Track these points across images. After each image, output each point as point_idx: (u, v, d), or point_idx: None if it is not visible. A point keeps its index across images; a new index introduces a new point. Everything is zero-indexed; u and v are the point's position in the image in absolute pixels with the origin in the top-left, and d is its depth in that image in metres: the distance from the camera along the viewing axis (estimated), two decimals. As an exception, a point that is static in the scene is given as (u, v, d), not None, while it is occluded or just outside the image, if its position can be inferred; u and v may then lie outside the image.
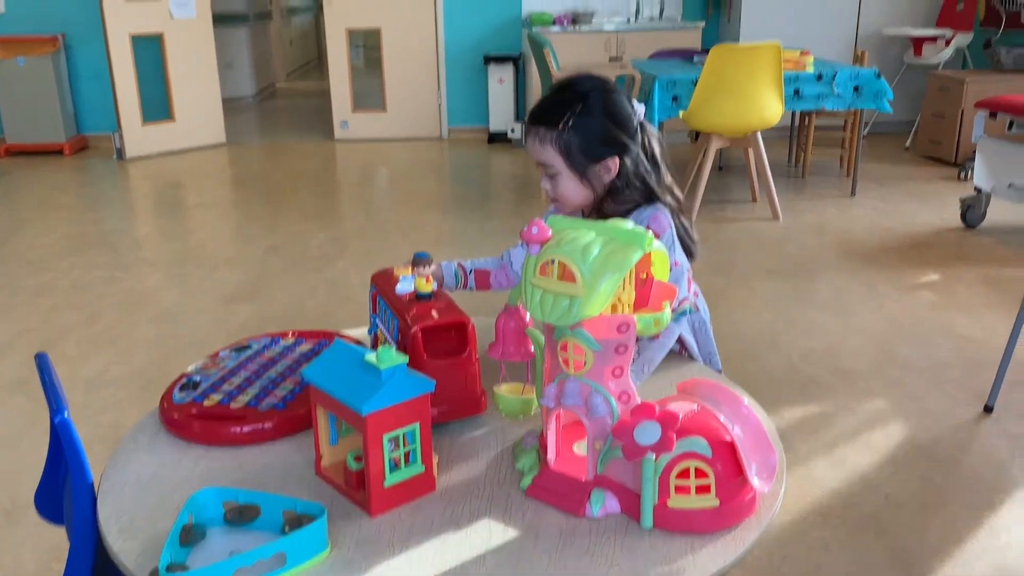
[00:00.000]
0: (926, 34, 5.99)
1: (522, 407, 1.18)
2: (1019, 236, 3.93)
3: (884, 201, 4.66)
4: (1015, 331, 2.35)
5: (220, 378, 1.31)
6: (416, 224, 4.44)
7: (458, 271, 1.60)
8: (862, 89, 4.45)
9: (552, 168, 1.41)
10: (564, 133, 1.37)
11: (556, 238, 1.05)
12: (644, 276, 1.08)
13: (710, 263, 3.72)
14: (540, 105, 1.43)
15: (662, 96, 4.39)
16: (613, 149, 1.39)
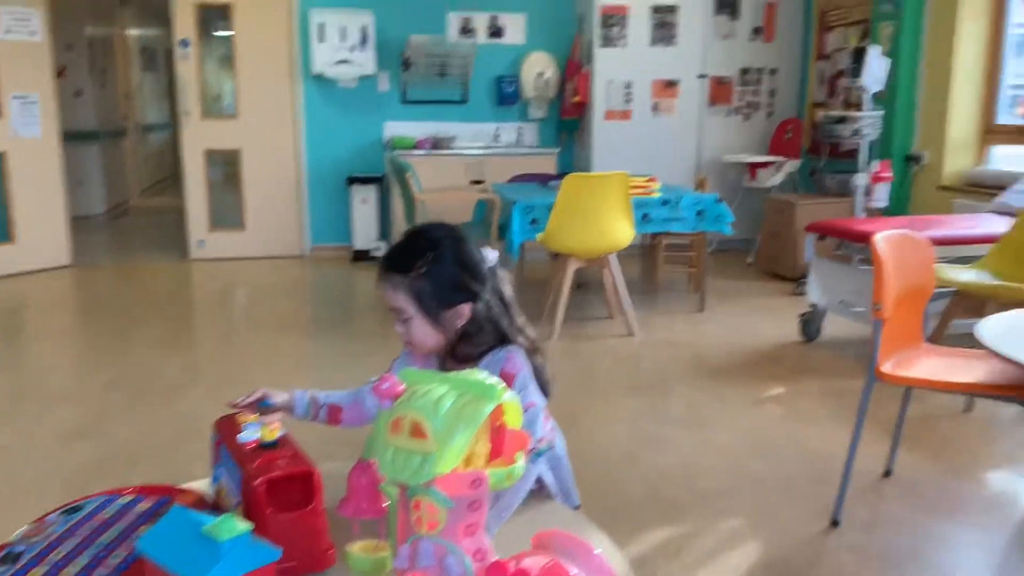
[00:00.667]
0: (760, 160, 6.54)
1: (375, 567, 1.13)
2: (853, 348, 4.24)
3: (731, 316, 4.93)
4: (853, 443, 2.50)
5: (46, 546, 1.20)
6: (276, 348, 4.32)
7: (310, 403, 1.57)
8: (705, 213, 4.77)
9: (405, 313, 1.43)
10: (417, 280, 1.40)
11: (408, 392, 1.05)
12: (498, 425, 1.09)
13: (571, 381, 3.80)
14: (392, 252, 1.46)
15: (521, 219, 4.55)
16: (465, 295, 1.43)
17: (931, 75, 5.47)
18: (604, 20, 6.44)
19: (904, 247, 2.51)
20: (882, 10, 5.66)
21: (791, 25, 6.77)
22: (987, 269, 3.56)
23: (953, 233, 3.93)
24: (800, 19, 6.78)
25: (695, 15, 6.56)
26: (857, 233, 3.93)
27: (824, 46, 6.57)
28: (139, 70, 11.24)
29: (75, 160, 7.21)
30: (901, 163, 5.62)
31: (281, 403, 1.50)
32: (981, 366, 2.39)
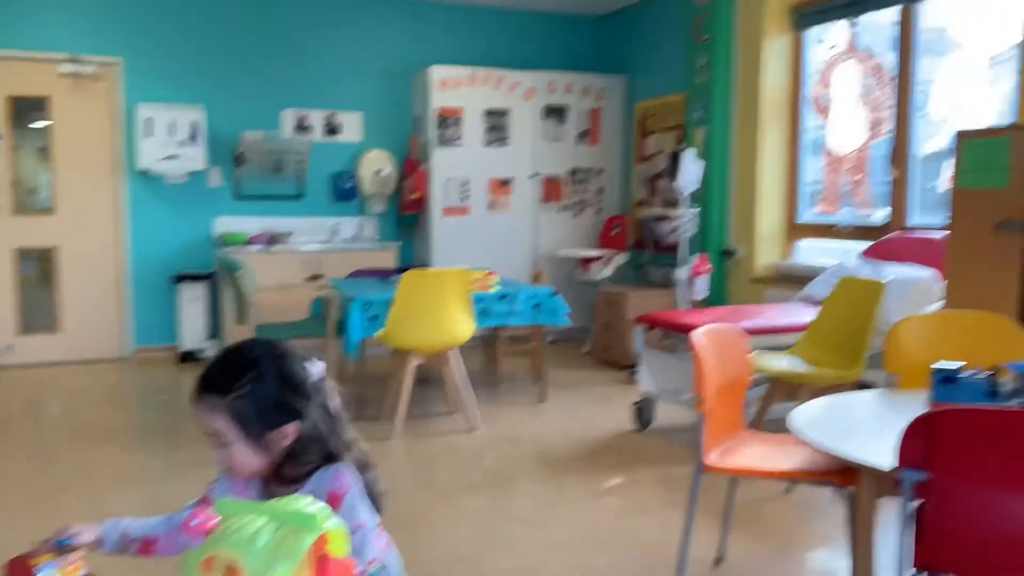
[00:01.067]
0: (590, 255, 6.83)
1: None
2: (684, 435, 4.41)
3: (570, 406, 5.04)
4: (686, 533, 2.57)
5: None
6: (92, 462, 3.98)
7: (121, 537, 1.44)
8: (541, 306, 4.90)
9: (224, 438, 1.35)
10: (237, 402, 1.33)
11: (222, 527, 0.99)
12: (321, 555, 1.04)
13: (413, 482, 3.72)
14: (208, 372, 1.39)
15: (360, 316, 4.49)
16: (289, 415, 1.37)
17: (740, 176, 5.97)
18: (440, 121, 6.63)
19: (721, 340, 2.66)
20: (694, 117, 6.15)
21: (614, 130, 7.23)
22: (798, 356, 3.84)
23: (767, 323, 4.23)
24: (621, 125, 7.25)
25: (525, 119, 6.88)
26: (680, 325, 4.15)
27: (644, 149, 7.04)
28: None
29: None
30: (718, 257, 6.03)
31: (86, 540, 1.37)
32: (797, 451, 2.54)
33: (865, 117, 5.31)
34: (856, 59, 5.36)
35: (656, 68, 6.90)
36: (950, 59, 4.76)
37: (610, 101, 7.19)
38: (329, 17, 6.77)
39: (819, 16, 5.52)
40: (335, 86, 6.84)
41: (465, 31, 7.17)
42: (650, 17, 6.96)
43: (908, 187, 5.04)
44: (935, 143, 4.89)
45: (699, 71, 6.08)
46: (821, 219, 5.68)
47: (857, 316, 3.73)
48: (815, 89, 5.66)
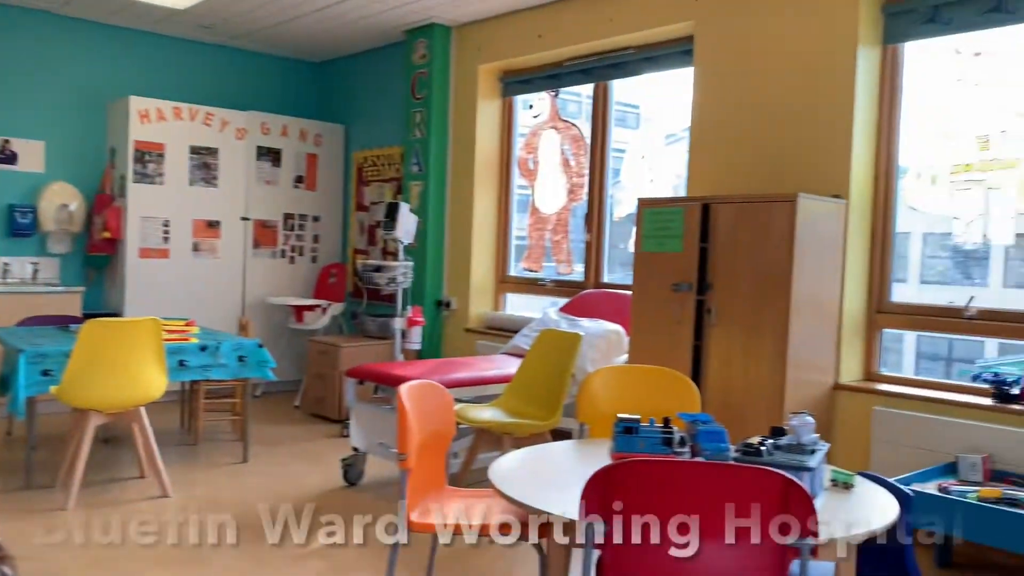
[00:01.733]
0: (304, 303, 6.63)
1: None
2: (393, 489, 4.35)
3: (276, 464, 4.78)
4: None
5: None
6: None
7: None
8: (247, 358, 4.63)
9: None
10: None
11: None
12: None
13: (91, 559, 3.29)
14: None
15: (29, 371, 3.95)
16: None
17: (454, 230, 6.14)
18: (138, 155, 6.12)
19: (426, 395, 2.66)
20: (411, 171, 6.25)
21: (332, 177, 7.14)
22: (502, 407, 3.97)
23: (475, 375, 4.34)
24: (340, 172, 7.19)
25: (236, 159, 6.58)
26: (392, 377, 4.12)
27: (363, 198, 7.02)
28: None
29: None
30: (433, 308, 6.13)
31: None
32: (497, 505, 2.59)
33: (565, 181, 5.72)
34: (557, 127, 5.78)
35: (374, 119, 6.94)
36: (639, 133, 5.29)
37: (328, 148, 7.10)
38: (10, 34, 6.02)
39: (525, 85, 5.89)
40: (12, 111, 6.07)
41: (170, 63, 6.73)
42: (369, 68, 7.01)
43: (603, 247, 5.48)
44: (626, 208, 5.38)
45: (416, 126, 6.21)
46: (527, 274, 6.00)
47: (555, 367, 3.94)
48: (523, 152, 6.01)
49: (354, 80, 7.18)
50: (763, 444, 2.18)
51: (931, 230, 4.85)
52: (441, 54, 6.08)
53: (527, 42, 5.61)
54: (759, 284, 3.70)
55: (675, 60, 4.95)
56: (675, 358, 3.96)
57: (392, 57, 6.69)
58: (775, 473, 1.74)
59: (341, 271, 6.97)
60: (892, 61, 4.04)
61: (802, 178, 4.04)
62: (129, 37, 6.52)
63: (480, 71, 5.97)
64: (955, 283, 4.58)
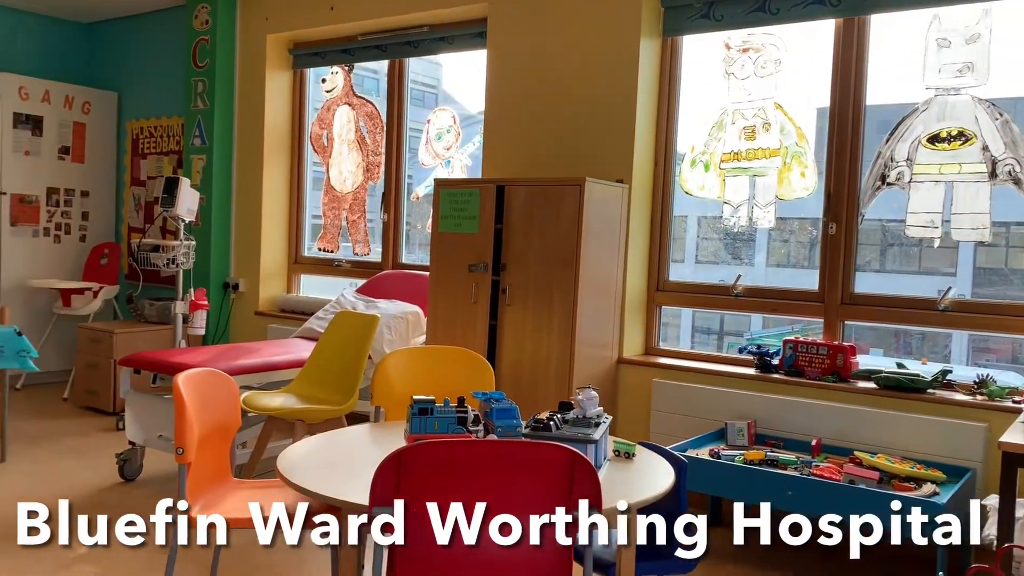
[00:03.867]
0: (73, 286, 6.06)
1: None
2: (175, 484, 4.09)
3: (41, 463, 4.35)
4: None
5: None
6: None
7: None
8: (3, 348, 4.16)
9: None
10: None
11: None
12: None
13: None
14: None
15: None
16: None
17: (242, 208, 5.84)
18: None
19: (207, 384, 2.51)
20: (193, 144, 5.86)
21: (102, 148, 6.55)
22: (294, 392, 3.83)
23: (265, 360, 4.15)
24: (112, 143, 6.61)
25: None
26: (171, 365, 3.85)
27: (138, 172, 6.51)
28: None
29: None
30: (219, 290, 5.81)
31: None
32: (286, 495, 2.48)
33: (362, 159, 5.60)
34: (352, 103, 5.64)
35: (151, 87, 6.43)
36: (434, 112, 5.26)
37: (97, 116, 6.50)
38: None
39: (317, 58, 5.69)
40: None
41: (-97, 12, 5.88)
42: (146, 33, 6.48)
43: (400, 228, 5.42)
44: (423, 188, 5.35)
45: (198, 96, 5.82)
46: (323, 255, 5.83)
47: (351, 349, 3.85)
48: (316, 127, 5.81)
49: (129, 44, 6.61)
50: (552, 419, 2.24)
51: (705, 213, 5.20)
52: (225, 20, 5.73)
53: (319, 14, 5.41)
54: (550, 264, 3.82)
55: (470, 41, 4.96)
56: (472, 338, 4.00)
57: (172, 21, 6.21)
58: (561, 447, 1.79)
59: (114, 251, 6.43)
60: (672, 53, 4.28)
61: (589, 163, 4.20)
62: None
63: (268, 40, 5.69)
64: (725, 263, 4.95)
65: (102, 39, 6.79)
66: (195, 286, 5.36)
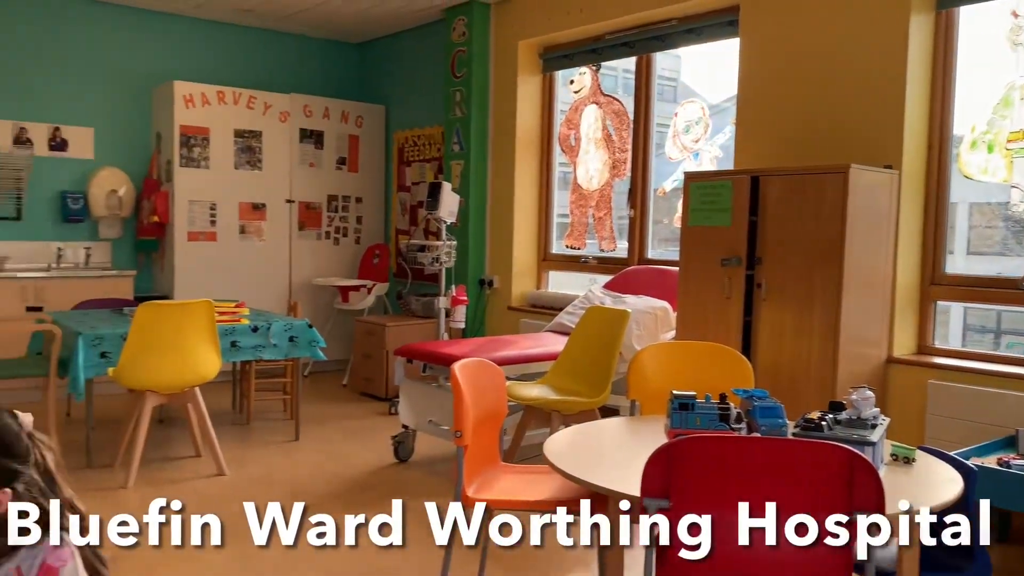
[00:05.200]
0: (349, 284, 6.69)
1: None
2: (444, 466, 4.40)
3: (327, 442, 4.86)
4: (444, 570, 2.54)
5: None
6: None
7: None
8: (297, 339, 4.70)
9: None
10: None
11: None
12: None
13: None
14: None
15: (87, 353, 4.05)
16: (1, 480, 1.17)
17: (496, 209, 6.14)
18: (184, 140, 6.21)
19: (479, 374, 2.68)
20: (452, 150, 6.26)
21: (373, 158, 7.18)
22: (549, 384, 3.98)
23: (521, 353, 4.35)
24: (381, 153, 7.22)
25: (280, 142, 6.64)
26: (439, 355, 4.16)
27: (404, 178, 7.05)
28: None
29: None
30: (476, 287, 6.16)
31: None
32: (551, 481, 2.60)
33: (608, 157, 5.68)
34: (599, 102, 5.73)
35: (414, 99, 6.94)
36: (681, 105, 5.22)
37: (369, 129, 7.13)
38: (51, 24, 6.12)
39: (565, 60, 5.84)
40: (62, 98, 6.18)
41: (212, 47, 6.79)
42: (408, 49, 7.01)
43: (646, 223, 5.44)
44: (670, 183, 5.33)
45: (456, 105, 6.20)
46: (570, 252, 5.98)
47: (602, 344, 3.93)
48: (564, 128, 5.98)
49: (394, 60, 7.19)
50: (823, 419, 2.16)
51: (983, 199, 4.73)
52: (480, 31, 6.06)
53: (567, 16, 5.56)
54: (810, 257, 3.65)
55: (719, 31, 4.87)
56: (724, 333, 3.93)
57: (431, 36, 6.68)
58: (841, 447, 1.72)
59: (384, 251, 7.02)
60: (946, 26, 3.93)
61: (853, 148, 3.96)
62: (171, 22, 6.59)
63: (520, 47, 5.93)
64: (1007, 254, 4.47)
65: (371, 57, 7.44)
66: (455, 283, 5.73)
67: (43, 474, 1.27)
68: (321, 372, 6.72)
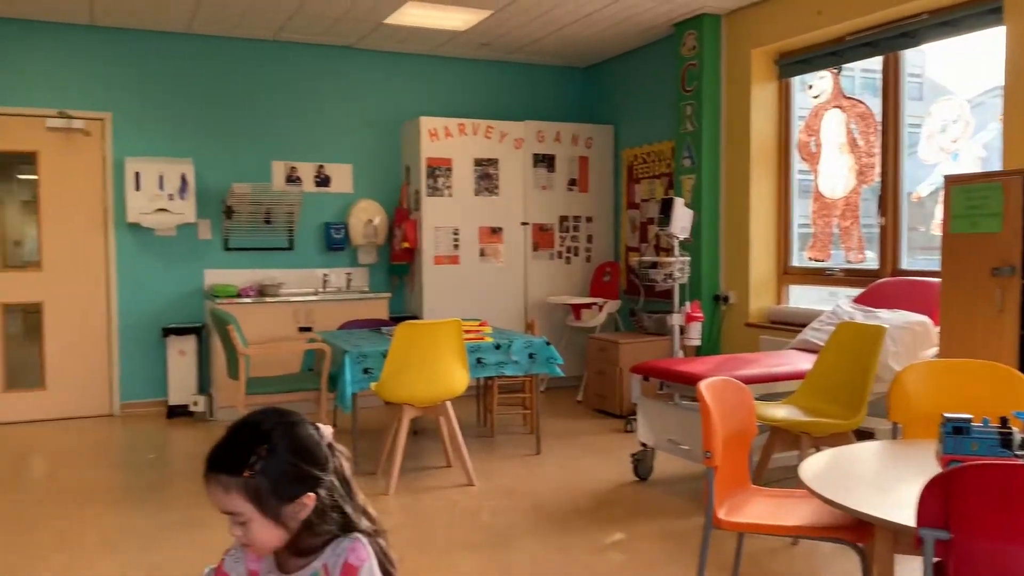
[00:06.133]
0: (582, 302, 6.81)
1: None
2: (684, 486, 4.35)
3: (567, 458, 4.97)
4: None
5: None
6: (75, 527, 3.86)
7: None
8: (536, 356, 4.86)
9: (242, 516, 1.30)
10: (252, 479, 1.28)
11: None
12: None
13: (410, 539, 3.63)
14: (219, 450, 1.33)
15: (353, 370, 4.43)
16: (306, 485, 1.33)
17: (730, 222, 6.00)
18: (430, 171, 6.65)
19: (726, 392, 2.63)
20: (683, 165, 6.20)
21: (602, 177, 7.28)
22: (797, 405, 3.81)
23: (764, 371, 4.20)
24: (610, 172, 7.31)
25: (515, 167, 6.92)
26: (678, 374, 4.12)
27: (633, 195, 7.08)
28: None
29: None
30: (710, 303, 6.04)
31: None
32: (805, 505, 2.50)
33: (853, 162, 5.37)
34: (842, 105, 5.44)
35: (642, 116, 6.97)
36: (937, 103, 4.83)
37: (597, 149, 7.25)
38: (317, 73, 6.82)
39: (802, 65, 5.61)
40: (325, 139, 6.86)
41: (454, 83, 7.23)
42: (635, 68, 7.06)
43: (899, 231, 5.07)
44: (926, 187, 4.94)
45: (686, 119, 6.15)
46: (812, 264, 5.71)
47: (857, 363, 3.71)
48: (803, 135, 5.73)
49: (621, 80, 7.27)
50: None
51: None
52: (711, 43, 5.97)
53: (805, 20, 5.34)
54: (1103, 265, 3.23)
55: (979, 21, 4.46)
56: (996, 350, 3.56)
57: (659, 53, 6.68)
58: None
59: (615, 269, 7.08)
60: None
61: None
62: (417, 62, 7.11)
63: (753, 55, 5.78)
64: None
65: (598, 79, 7.57)
66: (689, 299, 5.66)
67: (341, 481, 1.41)
68: (556, 388, 6.89)
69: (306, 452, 1.34)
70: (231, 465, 1.29)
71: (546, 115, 7.35)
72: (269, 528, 1.31)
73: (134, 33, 6.27)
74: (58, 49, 6.10)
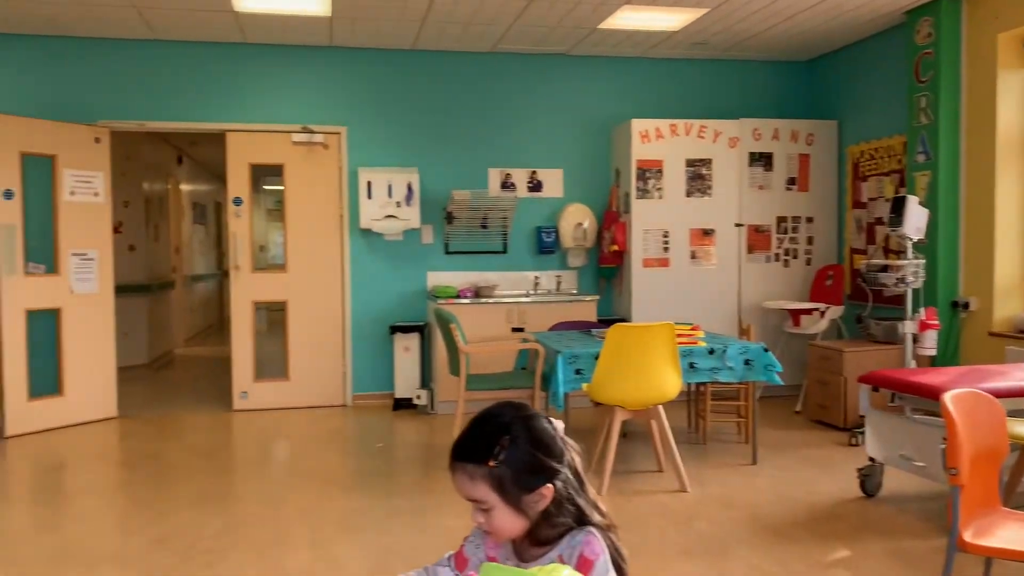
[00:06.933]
0: (801, 307, 6.51)
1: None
2: (917, 504, 4.05)
3: (785, 469, 4.77)
4: (936, 620, 2.33)
5: None
6: (316, 506, 4.23)
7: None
8: (753, 362, 4.70)
9: (486, 504, 1.38)
10: (496, 469, 1.36)
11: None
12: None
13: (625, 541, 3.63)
14: (464, 441, 1.42)
15: (566, 370, 4.52)
16: (545, 476, 1.39)
17: (971, 222, 5.50)
18: (640, 173, 6.63)
19: (975, 406, 2.43)
20: (916, 161, 5.76)
21: (824, 175, 6.92)
22: (1056, 423, 3.43)
23: (1015, 384, 3.81)
24: (833, 170, 6.93)
25: (729, 167, 6.74)
26: (913, 385, 3.83)
27: (859, 195, 6.67)
28: (190, 223, 11.65)
29: (122, 312, 7.25)
30: (947, 310, 5.56)
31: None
32: (1069, 535, 2.25)
33: (1125, 153, 4.74)
34: (1111, 90, 4.82)
35: (869, 110, 6.55)
36: None
37: (819, 146, 6.90)
38: (530, 82, 7.01)
39: (1063, 46, 5.04)
40: (537, 145, 7.04)
41: (665, 84, 7.18)
42: (862, 59, 6.65)
43: None
44: None
45: (921, 112, 5.71)
46: (1072, 267, 5.10)
47: None
48: (1060, 125, 5.14)
49: (846, 72, 6.88)
50: None
51: None
52: (950, 29, 5.51)
53: (1064, -4, 4.79)
54: None
55: None
56: None
57: (889, 43, 6.26)
58: None
59: (838, 272, 6.71)
60: None
61: None
62: (628, 65, 7.12)
63: (1000, 40, 5.26)
64: None
65: (821, 72, 7.21)
66: (923, 305, 5.24)
67: (574, 474, 1.46)
68: (771, 397, 6.63)
69: (544, 444, 1.40)
70: (477, 455, 1.37)
71: (762, 112, 7.11)
72: (511, 516, 1.38)
73: (366, 52, 6.77)
74: (302, 70, 6.71)
